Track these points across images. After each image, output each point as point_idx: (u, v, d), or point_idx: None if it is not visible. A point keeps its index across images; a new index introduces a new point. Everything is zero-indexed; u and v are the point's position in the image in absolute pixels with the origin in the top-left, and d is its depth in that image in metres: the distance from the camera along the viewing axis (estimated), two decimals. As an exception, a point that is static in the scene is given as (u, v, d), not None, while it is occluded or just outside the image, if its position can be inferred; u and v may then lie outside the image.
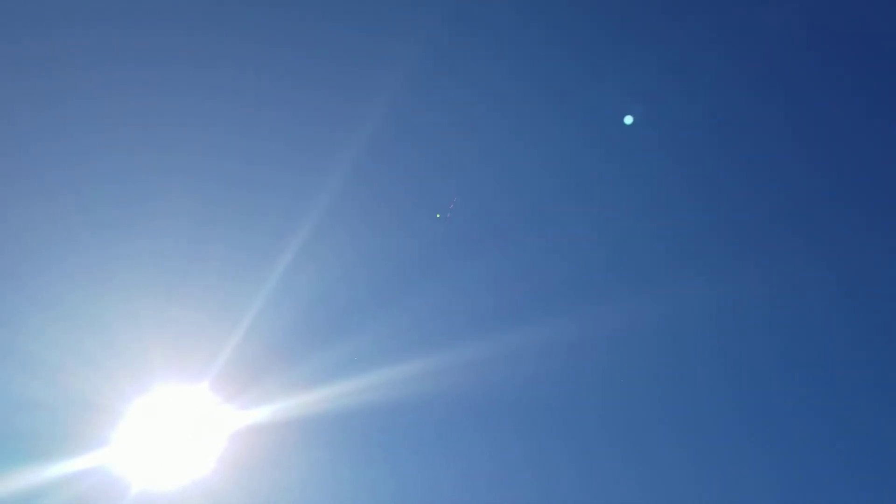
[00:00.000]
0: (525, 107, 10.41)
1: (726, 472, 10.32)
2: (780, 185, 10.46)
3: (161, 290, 9.35)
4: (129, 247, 9.31)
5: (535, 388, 10.28)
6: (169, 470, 9.27)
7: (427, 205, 10.26)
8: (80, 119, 9.45)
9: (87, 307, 9.07)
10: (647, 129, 10.44)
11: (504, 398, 10.19)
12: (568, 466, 10.36)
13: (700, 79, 10.28)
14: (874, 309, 10.34)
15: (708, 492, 10.24)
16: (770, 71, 10.41)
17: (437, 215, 9.94)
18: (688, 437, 10.44)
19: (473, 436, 10.21)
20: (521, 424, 10.35)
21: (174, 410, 9.35)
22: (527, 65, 10.42)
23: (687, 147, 10.40)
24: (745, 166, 10.38)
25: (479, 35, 10.39)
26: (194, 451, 9.35)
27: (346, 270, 10.06)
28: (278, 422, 9.55)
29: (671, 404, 10.48)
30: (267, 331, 9.62)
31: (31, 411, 8.76)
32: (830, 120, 10.36)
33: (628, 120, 10.04)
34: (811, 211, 10.47)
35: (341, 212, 9.99)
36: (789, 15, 10.17)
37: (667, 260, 10.50)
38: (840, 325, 10.37)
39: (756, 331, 10.57)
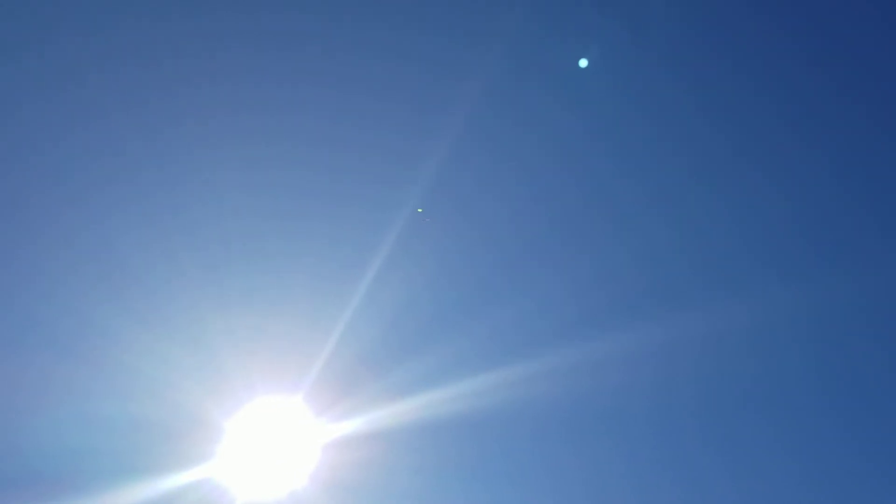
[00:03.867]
0: (607, 111, 10.35)
1: (824, 478, 9.99)
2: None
3: (255, 306, 9.53)
4: (227, 268, 9.57)
5: (630, 396, 10.13)
6: (269, 482, 9.34)
7: (513, 211, 10.24)
8: (174, 141, 9.73)
9: (189, 325, 9.31)
10: (733, 132, 10.31)
11: (598, 406, 10.06)
12: (661, 474, 10.16)
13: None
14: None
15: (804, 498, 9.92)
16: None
17: (419, 209, 9.83)
18: (780, 445, 10.15)
19: (566, 445, 10.10)
20: (615, 433, 10.20)
21: (272, 423, 9.45)
22: (609, 67, 10.36)
23: (778, 145, 10.21)
24: (842, 165, 10.15)
25: (558, 39, 10.36)
26: (292, 463, 9.42)
27: (435, 279, 10.11)
28: (372, 432, 9.58)
29: (763, 413, 10.21)
30: (359, 341, 9.71)
31: (138, 427, 8.95)
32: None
33: (582, 63, 9.91)
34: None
35: (429, 220, 10.03)
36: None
37: (756, 263, 10.28)
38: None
39: (852, 336, 10.26)
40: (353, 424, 9.52)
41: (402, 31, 10.21)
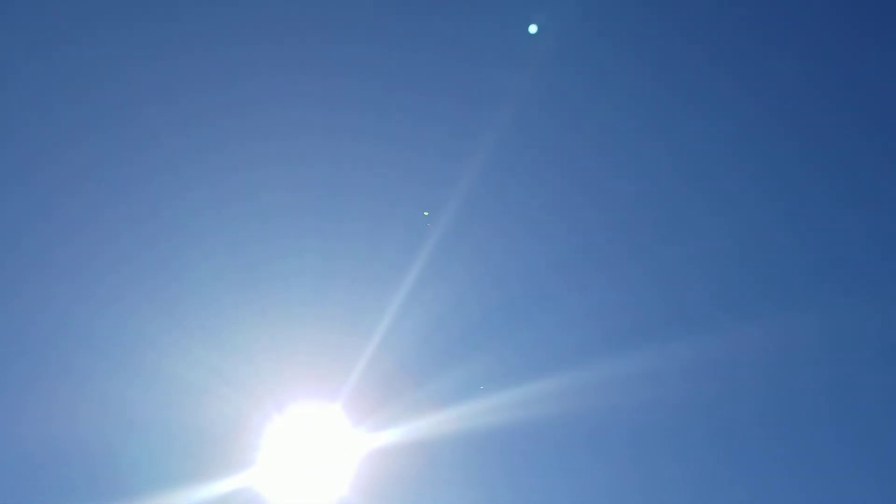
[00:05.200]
0: (666, 114, 9.95)
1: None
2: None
3: (294, 313, 9.41)
4: (264, 271, 9.45)
5: (675, 410, 9.77)
6: (308, 491, 9.25)
7: (561, 213, 9.92)
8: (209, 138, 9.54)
9: (228, 332, 9.23)
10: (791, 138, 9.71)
11: (644, 422, 9.74)
12: (709, 493, 9.82)
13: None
14: None
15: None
16: None
17: (425, 213, 9.58)
18: (845, 466, 9.70)
19: (610, 460, 9.81)
20: (662, 450, 9.86)
21: (311, 432, 9.33)
22: (660, 62, 9.93)
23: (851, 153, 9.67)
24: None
25: (609, 31, 9.98)
26: (331, 473, 9.31)
27: (477, 286, 9.87)
28: (412, 442, 9.41)
29: (830, 433, 9.75)
30: (398, 350, 9.55)
31: (176, 434, 8.92)
32: None
33: (532, 29, 9.57)
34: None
35: (470, 225, 9.79)
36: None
37: (825, 276, 9.82)
38: None
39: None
40: (393, 434, 9.36)
41: (448, 23, 9.90)
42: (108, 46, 9.47)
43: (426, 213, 9.57)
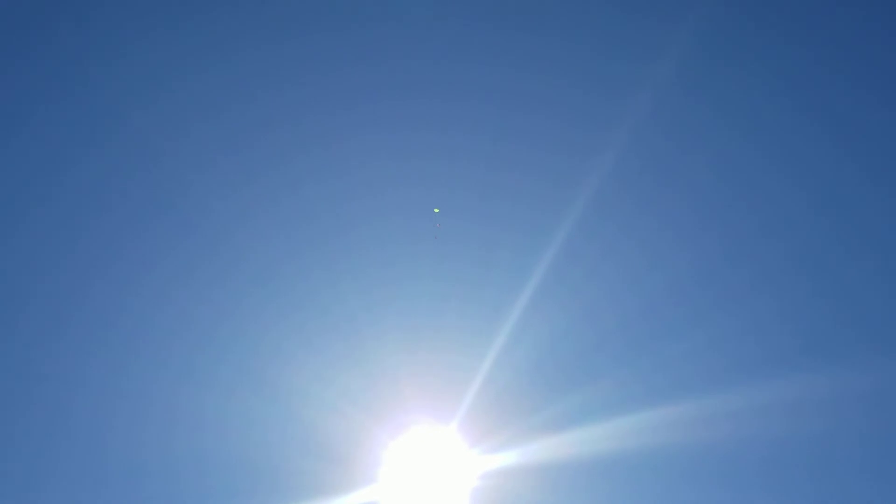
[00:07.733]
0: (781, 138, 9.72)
1: None
2: None
3: (414, 335, 9.69)
4: (387, 297, 9.77)
5: (790, 445, 9.48)
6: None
7: (683, 239, 9.80)
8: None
9: (353, 354, 9.49)
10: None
11: (755, 453, 9.48)
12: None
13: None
14: None
15: None
16: None
17: (436, 209, 9.65)
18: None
19: (721, 489, 9.55)
20: (771, 481, 9.56)
21: (427, 451, 9.49)
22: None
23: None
24: None
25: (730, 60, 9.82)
26: (447, 492, 9.42)
27: (594, 311, 9.84)
28: (526, 465, 9.44)
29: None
30: (515, 373, 9.62)
31: (302, 450, 9.22)
32: None
33: None
34: None
35: (588, 249, 9.75)
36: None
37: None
38: None
39: None
40: (508, 457, 9.42)
41: (568, 47, 9.94)
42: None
43: (436, 210, 9.63)
